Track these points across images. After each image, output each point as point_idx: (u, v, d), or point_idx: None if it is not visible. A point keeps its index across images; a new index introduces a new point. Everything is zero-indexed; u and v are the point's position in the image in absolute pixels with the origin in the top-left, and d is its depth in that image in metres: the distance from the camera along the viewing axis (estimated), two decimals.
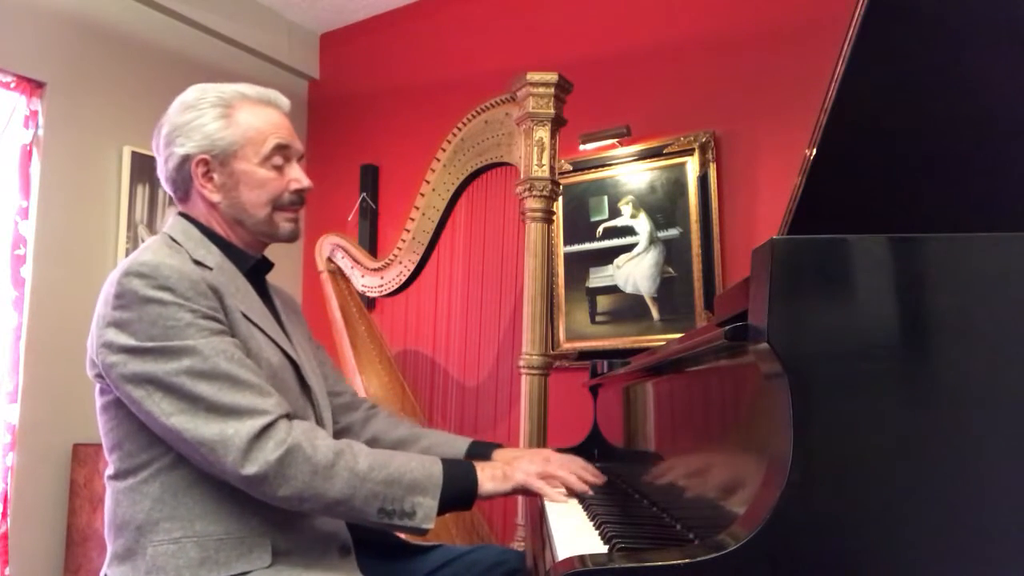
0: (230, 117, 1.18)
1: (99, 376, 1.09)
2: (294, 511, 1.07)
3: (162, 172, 1.23)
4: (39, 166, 2.69)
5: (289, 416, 1.08)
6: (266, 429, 1.02)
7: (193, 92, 1.21)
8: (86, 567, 2.55)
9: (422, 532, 1.09)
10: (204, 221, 1.21)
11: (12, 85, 2.64)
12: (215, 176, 1.18)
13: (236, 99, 1.20)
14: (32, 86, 2.69)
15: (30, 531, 2.58)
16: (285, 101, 1.27)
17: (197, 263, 1.13)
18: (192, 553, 1.03)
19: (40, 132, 2.71)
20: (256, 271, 1.25)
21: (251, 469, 1.00)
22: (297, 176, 1.23)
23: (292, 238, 1.26)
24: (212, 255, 1.16)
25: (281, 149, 1.21)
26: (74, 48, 2.82)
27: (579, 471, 1.27)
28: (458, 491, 1.12)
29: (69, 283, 2.75)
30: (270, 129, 1.20)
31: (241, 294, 1.16)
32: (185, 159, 1.18)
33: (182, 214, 1.23)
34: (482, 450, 1.41)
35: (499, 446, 1.44)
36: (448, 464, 1.14)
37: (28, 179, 2.67)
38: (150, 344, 1.02)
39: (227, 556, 1.04)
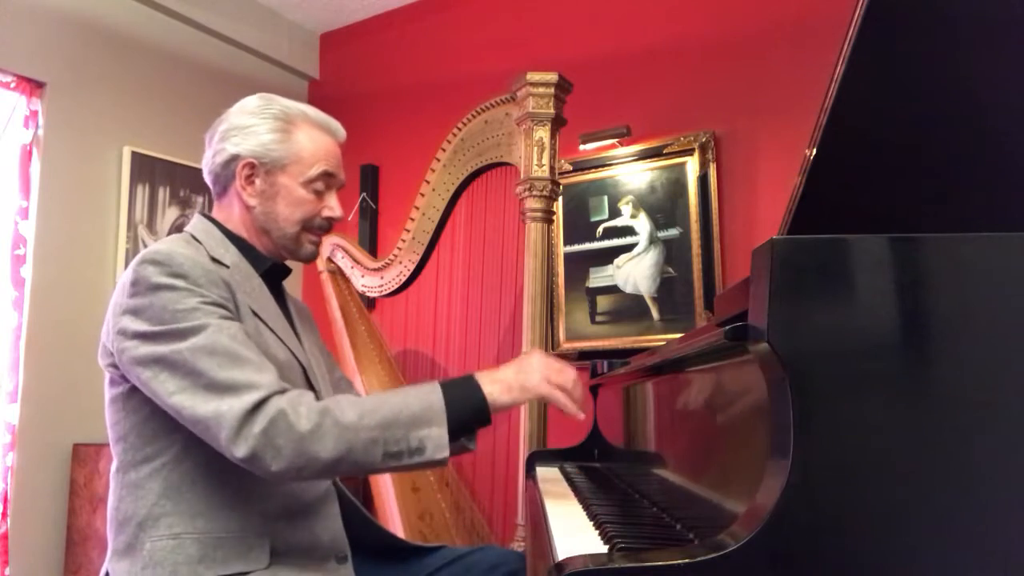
0: (288, 132, 1.22)
1: (111, 366, 1.11)
2: (295, 502, 1.08)
3: (207, 164, 1.26)
4: (39, 166, 2.69)
5: (285, 392, 1.05)
6: (259, 405, 1.00)
7: (259, 100, 1.25)
8: (86, 567, 2.55)
9: (440, 463, 1.05)
10: (232, 224, 1.25)
11: (12, 85, 2.64)
12: (257, 182, 1.22)
13: (298, 118, 1.24)
14: (32, 86, 2.69)
15: (30, 531, 2.58)
16: (343, 132, 1.31)
17: (215, 260, 1.15)
18: (191, 549, 1.04)
19: (40, 132, 2.71)
20: (272, 275, 1.27)
21: (243, 449, 0.98)
22: (332, 205, 1.27)
23: (310, 260, 1.30)
24: (230, 254, 1.19)
25: (326, 176, 1.25)
26: (74, 48, 2.82)
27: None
28: (467, 410, 1.08)
29: (69, 283, 2.75)
30: (321, 155, 1.24)
31: (255, 293, 1.18)
32: (234, 158, 1.21)
33: (206, 216, 1.26)
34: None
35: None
36: (447, 386, 1.08)
37: (28, 179, 2.67)
38: (160, 328, 1.04)
39: (225, 554, 1.05)
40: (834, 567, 0.60)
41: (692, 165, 2.61)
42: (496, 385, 1.10)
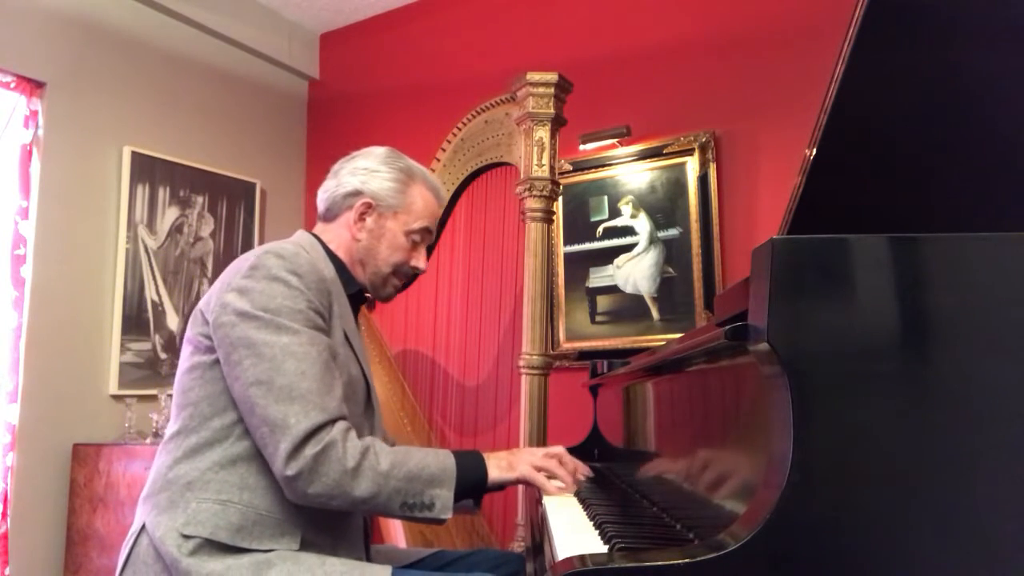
0: (407, 185, 1.37)
1: (203, 335, 1.17)
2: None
3: (328, 191, 1.38)
4: (39, 166, 2.69)
5: (343, 419, 1.13)
6: (318, 429, 1.08)
7: (389, 151, 1.41)
8: (86, 567, 2.55)
9: (441, 522, 1.16)
10: (334, 246, 1.35)
11: (12, 85, 2.64)
12: (368, 220, 1.35)
13: (418, 177, 1.40)
14: (32, 86, 2.69)
15: (30, 531, 2.58)
16: (446, 199, 1.47)
17: None
18: (233, 518, 1.09)
19: (40, 132, 2.71)
20: (354, 299, 1.36)
21: (292, 468, 1.05)
22: (421, 257, 1.41)
23: (387, 300, 1.44)
24: (329, 270, 1.28)
25: (425, 232, 1.40)
26: (74, 48, 2.82)
27: (574, 467, 1.32)
28: (470, 481, 1.20)
29: (69, 283, 2.75)
30: (427, 213, 1.39)
31: (343, 309, 1.27)
32: (357, 193, 1.34)
33: (311, 233, 1.36)
34: None
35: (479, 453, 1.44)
36: (459, 456, 1.21)
37: (28, 179, 2.67)
38: (261, 313, 1.11)
39: (261, 531, 1.10)
40: (834, 567, 0.60)
41: (692, 165, 2.61)
42: (491, 462, 1.24)
